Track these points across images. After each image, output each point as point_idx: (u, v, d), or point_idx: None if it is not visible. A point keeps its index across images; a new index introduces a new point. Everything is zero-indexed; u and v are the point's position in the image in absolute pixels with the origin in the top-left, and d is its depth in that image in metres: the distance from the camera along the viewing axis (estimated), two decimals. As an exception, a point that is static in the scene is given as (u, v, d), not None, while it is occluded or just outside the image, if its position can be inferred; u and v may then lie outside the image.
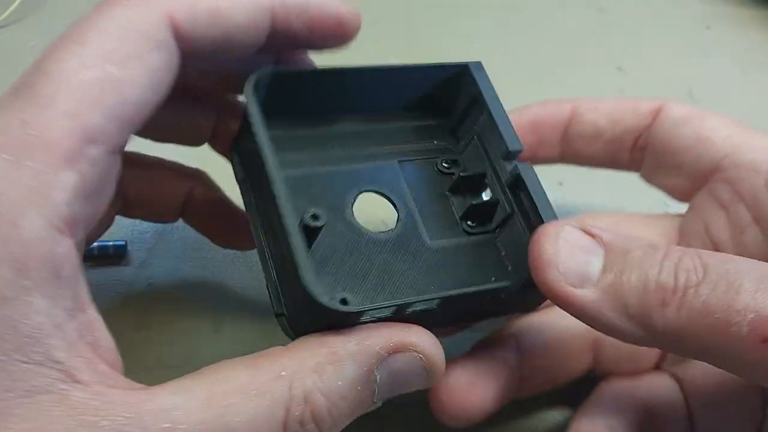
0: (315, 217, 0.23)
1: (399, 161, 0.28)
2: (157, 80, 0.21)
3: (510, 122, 0.27)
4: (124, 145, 0.21)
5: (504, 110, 0.27)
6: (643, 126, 0.29)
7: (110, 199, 0.22)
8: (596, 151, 0.31)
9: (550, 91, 0.47)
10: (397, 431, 0.29)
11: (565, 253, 0.21)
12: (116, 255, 0.33)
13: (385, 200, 0.27)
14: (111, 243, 0.33)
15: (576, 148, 0.31)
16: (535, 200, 0.25)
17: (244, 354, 0.22)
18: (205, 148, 0.29)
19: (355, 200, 0.26)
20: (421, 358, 0.21)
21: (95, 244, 0.33)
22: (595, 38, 0.52)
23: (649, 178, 0.31)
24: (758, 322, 0.19)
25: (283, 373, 0.20)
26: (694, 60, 0.50)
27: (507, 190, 0.27)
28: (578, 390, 0.29)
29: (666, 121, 0.29)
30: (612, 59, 0.49)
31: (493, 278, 0.26)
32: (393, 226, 0.26)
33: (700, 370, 0.27)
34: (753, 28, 0.53)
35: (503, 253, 0.27)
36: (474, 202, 0.27)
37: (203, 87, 0.28)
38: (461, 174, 0.27)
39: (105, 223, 0.28)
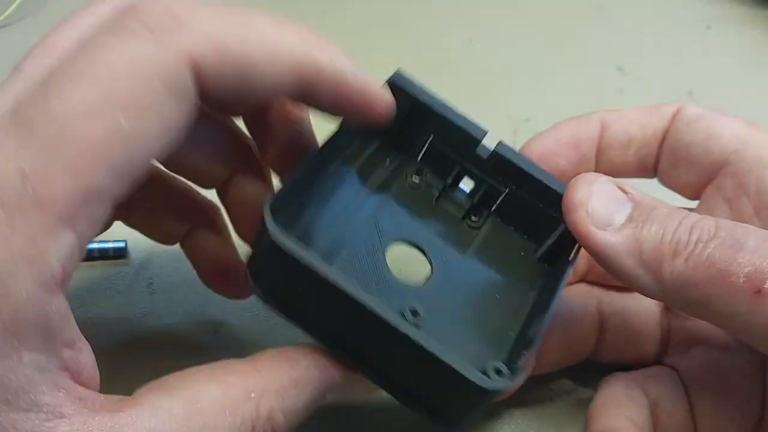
0: (415, 313, 0.23)
1: (385, 196, 0.27)
2: (171, 133, 0.19)
3: (461, 113, 0.27)
4: (127, 197, 0.19)
5: (449, 104, 0.27)
6: (667, 127, 0.30)
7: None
8: (628, 159, 0.31)
9: (550, 91, 0.47)
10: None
11: (596, 198, 0.24)
12: (116, 255, 0.33)
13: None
14: (111, 243, 0.33)
15: (610, 158, 0.31)
16: (529, 171, 0.27)
17: (243, 354, 0.22)
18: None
19: (387, 262, 0.26)
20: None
21: (95, 245, 0.33)
22: (595, 38, 0.52)
23: (664, 179, 0.31)
24: (754, 274, 0.21)
25: (252, 394, 0.21)
26: (694, 60, 0.50)
27: (492, 173, 0.28)
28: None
29: (681, 121, 0.29)
30: (612, 59, 0.49)
31: (522, 253, 0.28)
32: (428, 271, 0.26)
33: (699, 362, 0.28)
34: (753, 28, 0.53)
35: (512, 228, 0.28)
36: (474, 201, 0.28)
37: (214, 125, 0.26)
38: (448, 183, 0.28)
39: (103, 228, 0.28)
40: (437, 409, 0.24)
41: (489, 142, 0.27)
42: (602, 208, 0.23)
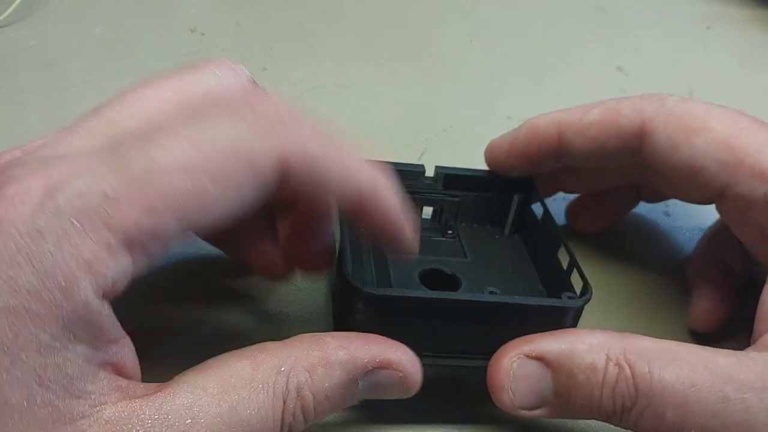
0: (494, 293, 0.25)
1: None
2: (242, 209, 0.21)
3: (397, 162, 0.31)
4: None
5: (387, 161, 0.30)
6: (633, 148, 0.28)
7: None
8: (597, 174, 0.32)
9: (550, 91, 0.47)
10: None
11: (517, 384, 0.24)
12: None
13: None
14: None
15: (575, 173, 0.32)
16: (467, 174, 0.31)
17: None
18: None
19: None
20: (400, 375, 0.23)
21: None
22: (595, 38, 0.52)
23: (652, 197, 0.32)
24: None
25: (283, 368, 0.22)
26: (694, 60, 0.50)
27: (443, 192, 0.32)
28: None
29: (654, 152, 0.28)
30: (612, 59, 0.49)
31: (496, 237, 0.33)
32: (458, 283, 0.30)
33: None
34: (753, 28, 0.53)
35: (477, 224, 0.33)
36: (441, 219, 0.32)
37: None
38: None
39: None
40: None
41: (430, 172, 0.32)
42: (526, 394, 0.24)
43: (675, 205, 0.38)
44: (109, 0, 0.51)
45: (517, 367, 0.24)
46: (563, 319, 0.25)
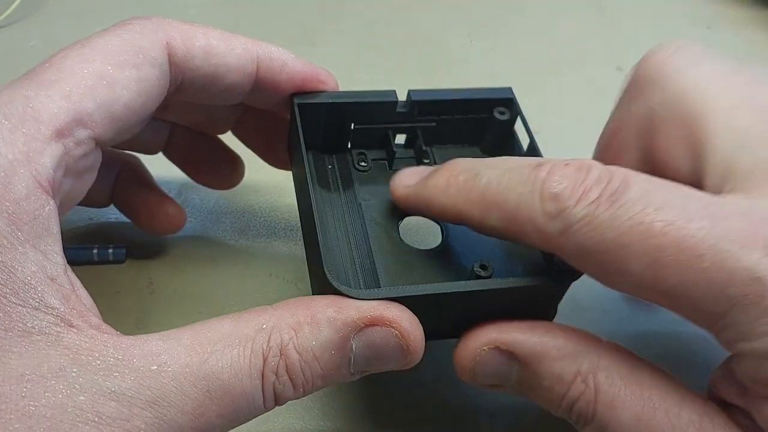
0: (485, 267, 0.25)
1: (355, 194, 0.29)
2: (147, 90, 0.24)
3: (365, 91, 0.29)
4: (108, 142, 0.24)
5: (352, 92, 0.29)
6: None
7: (88, 187, 0.25)
8: None
9: (550, 91, 0.47)
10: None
11: (480, 369, 0.24)
12: (116, 261, 0.33)
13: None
14: (111, 248, 0.33)
15: None
16: (444, 98, 0.30)
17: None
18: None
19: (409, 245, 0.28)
20: (397, 334, 0.22)
21: (95, 249, 0.33)
22: (595, 38, 0.52)
23: None
24: None
25: (264, 326, 0.21)
26: (694, 60, 0.50)
27: (418, 118, 0.30)
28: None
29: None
30: (612, 59, 0.49)
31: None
32: (437, 227, 0.28)
33: None
34: (753, 28, 0.53)
35: (453, 145, 0.32)
36: (416, 147, 0.31)
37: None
38: (391, 148, 0.30)
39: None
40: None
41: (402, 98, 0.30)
42: (486, 375, 0.24)
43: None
44: (109, 0, 0.51)
45: (484, 355, 0.23)
46: (554, 297, 0.25)
